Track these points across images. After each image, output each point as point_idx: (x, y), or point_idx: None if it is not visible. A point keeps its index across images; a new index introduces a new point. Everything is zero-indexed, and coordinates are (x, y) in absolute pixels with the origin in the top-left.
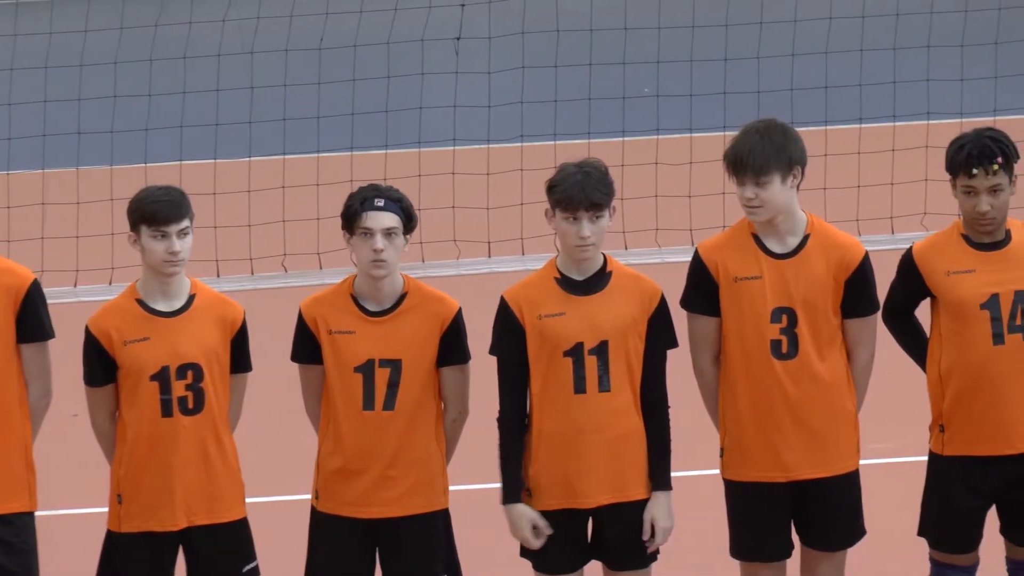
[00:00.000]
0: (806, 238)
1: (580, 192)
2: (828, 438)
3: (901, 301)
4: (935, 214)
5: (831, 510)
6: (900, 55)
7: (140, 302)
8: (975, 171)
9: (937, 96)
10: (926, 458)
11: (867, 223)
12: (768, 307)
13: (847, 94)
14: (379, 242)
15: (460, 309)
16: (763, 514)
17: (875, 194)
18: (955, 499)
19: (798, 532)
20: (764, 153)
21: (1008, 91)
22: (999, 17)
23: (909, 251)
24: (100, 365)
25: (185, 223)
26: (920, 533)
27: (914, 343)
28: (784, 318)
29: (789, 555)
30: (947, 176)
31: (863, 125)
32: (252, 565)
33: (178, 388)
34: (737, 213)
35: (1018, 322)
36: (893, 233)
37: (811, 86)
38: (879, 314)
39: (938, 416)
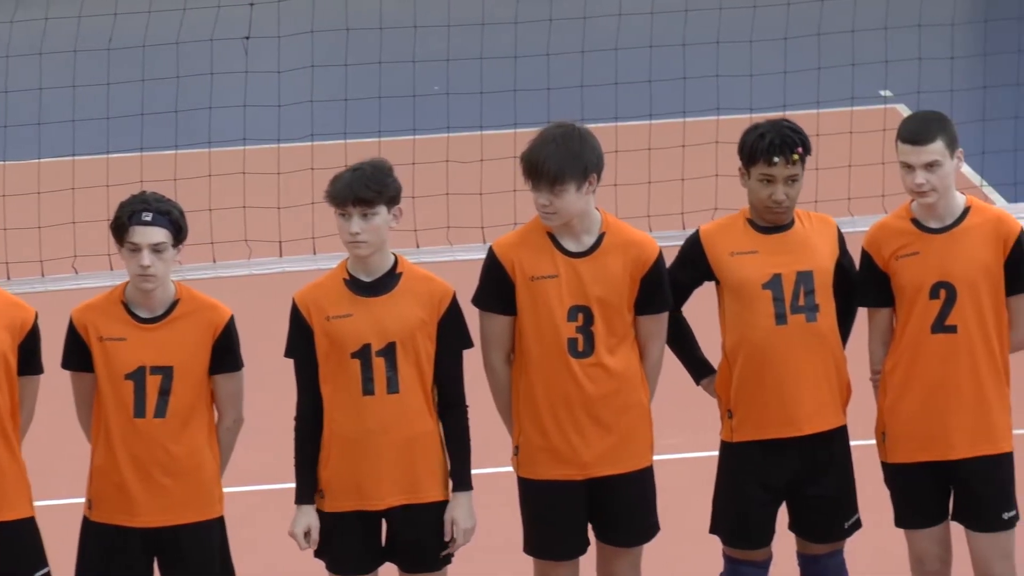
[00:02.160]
0: (601, 236)
1: (347, 189)
2: (624, 435)
3: (678, 289)
4: (726, 209)
5: (626, 506)
6: (689, 51)
7: None
8: (776, 160)
9: (727, 92)
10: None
11: (658, 219)
12: (564, 305)
13: (637, 90)
14: (146, 258)
15: (232, 316)
16: (558, 512)
17: (666, 189)
18: (747, 491)
19: (594, 528)
20: (560, 162)
21: (796, 86)
22: (788, 12)
23: (696, 233)
24: None
25: None
26: (712, 530)
27: (679, 338)
28: (580, 316)
29: (584, 552)
30: (736, 170)
31: (653, 121)
32: (43, 572)
33: None
34: (530, 211)
35: (800, 302)
36: (684, 228)
37: (601, 83)
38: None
39: (727, 402)
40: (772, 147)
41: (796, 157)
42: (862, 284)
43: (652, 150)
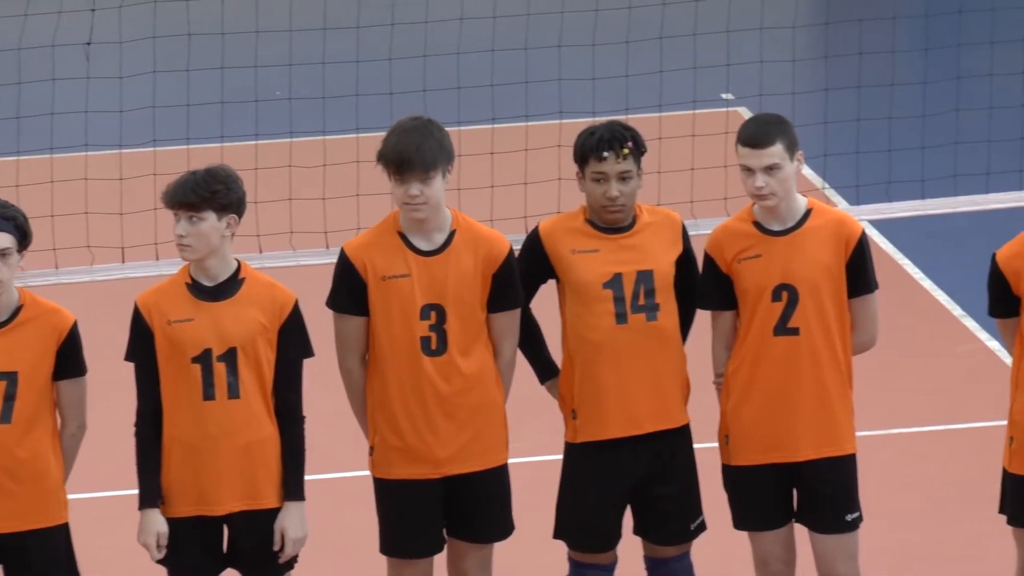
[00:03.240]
0: (452, 234)
1: (175, 192)
2: (478, 433)
3: (524, 288)
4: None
5: (480, 504)
6: (531, 55)
7: None
8: (606, 154)
9: (569, 95)
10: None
11: (502, 223)
12: (417, 304)
13: (479, 94)
14: None
15: (76, 322)
16: (413, 511)
17: (510, 193)
18: (592, 493)
19: (447, 526)
20: (430, 150)
21: (638, 89)
22: (629, 16)
23: (535, 230)
24: None
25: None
26: (557, 535)
27: (528, 336)
28: (433, 315)
29: (439, 550)
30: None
31: (496, 125)
32: None
33: None
34: (375, 214)
35: (641, 302)
36: (526, 231)
37: (444, 87)
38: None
39: (570, 401)
40: (601, 143)
41: (626, 151)
42: (704, 287)
43: (495, 154)
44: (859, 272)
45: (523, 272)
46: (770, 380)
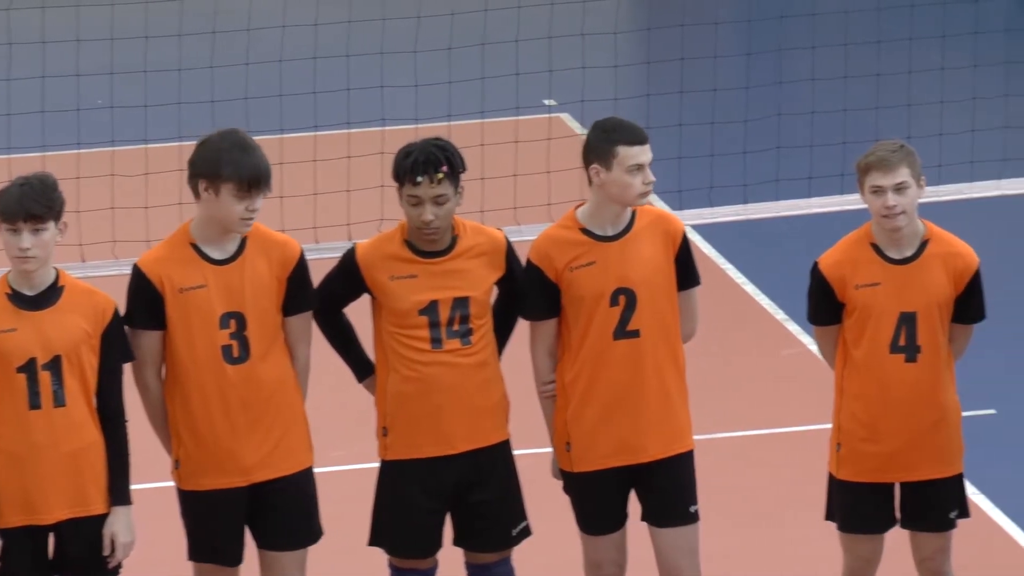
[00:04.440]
0: (244, 241)
1: (18, 204)
2: (282, 438)
3: (334, 298)
4: (390, 220)
5: (289, 509)
6: (353, 61)
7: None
8: (420, 179)
9: (391, 102)
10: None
11: (324, 230)
12: (216, 314)
13: (301, 102)
14: None
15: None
16: (225, 520)
17: (331, 201)
18: (409, 500)
19: (254, 535)
20: (268, 165)
21: (460, 96)
22: (451, 22)
23: (352, 253)
24: None
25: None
26: (373, 542)
27: (344, 340)
28: (232, 323)
29: (242, 558)
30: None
31: (318, 133)
32: None
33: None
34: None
35: (456, 327)
36: (350, 239)
37: (265, 95)
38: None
39: (382, 418)
40: (416, 166)
41: (441, 176)
42: (531, 297)
43: (318, 161)
44: (687, 265)
45: (338, 285)
46: (613, 384)
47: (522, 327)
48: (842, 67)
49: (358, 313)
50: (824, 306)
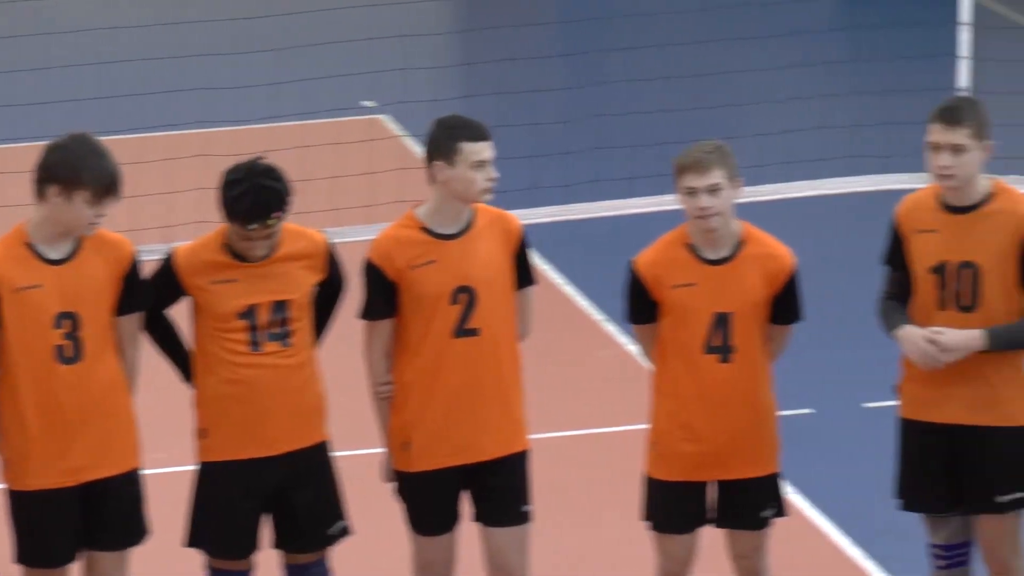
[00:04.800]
0: (80, 241)
1: None
2: (112, 438)
3: (154, 302)
4: (213, 222)
5: (117, 508)
6: (178, 64)
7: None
8: (252, 226)
9: (214, 104)
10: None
11: (148, 232)
12: (50, 313)
13: (126, 104)
14: None
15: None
16: (55, 520)
17: (151, 203)
18: (228, 502)
19: (82, 534)
20: (120, 170)
21: (284, 98)
22: (275, 24)
23: (170, 259)
24: None
25: None
26: (191, 543)
27: (164, 340)
28: (66, 323)
29: (73, 559)
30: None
31: (141, 135)
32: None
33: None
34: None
35: (275, 330)
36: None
37: (93, 96)
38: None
39: (201, 419)
40: (250, 215)
41: (273, 221)
42: (370, 297)
43: (140, 164)
44: (524, 265)
45: (156, 291)
46: (453, 383)
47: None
48: (663, 67)
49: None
50: (640, 306)
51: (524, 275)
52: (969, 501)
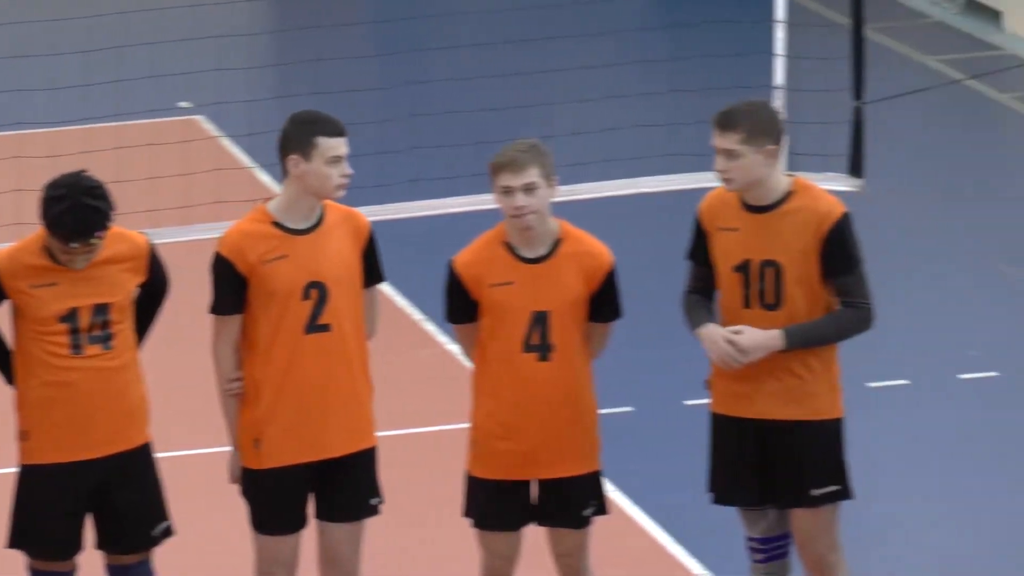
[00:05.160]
0: None
1: None
2: None
3: None
4: (30, 224)
5: None
6: None
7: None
8: (74, 244)
9: (24, 106)
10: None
11: None
12: None
13: None
14: None
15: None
16: None
17: None
18: (47, 503)
19: None
20: None
21: (97, 99)
22: (88, 24)
23: None
24: None
25: None
26: (12, 545)
27: None
28: None
29: None
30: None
31: None
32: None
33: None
34: None
35: (96, 332)
36: None
37: None
38: None
39: (23, 422)
40: (73, 235)
41: (96, 241)
42: (220, 292)
43: None
44: (373, 261)
45: None
46: (304, 379)
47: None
48: (480, 66)
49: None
50: (459, 305)
51: (372, 272)
52: (783, 495)
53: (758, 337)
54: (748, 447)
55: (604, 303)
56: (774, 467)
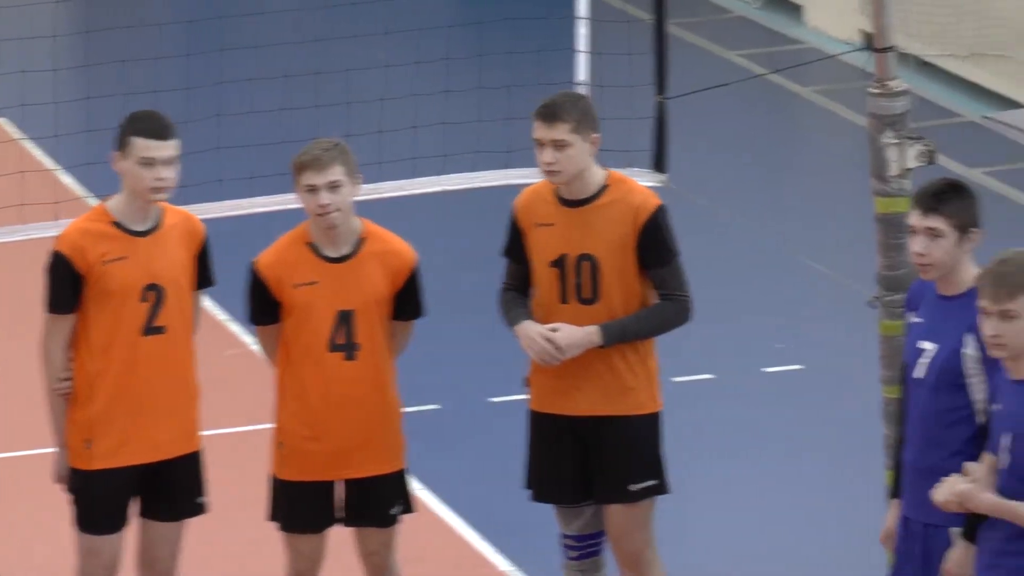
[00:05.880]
0: None
1: None
2: None
3: None
4: None
5: None
6: None
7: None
8: None
9: None
10: None
11: None
12: None
13: None
14: None
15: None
16: None
17: None
18: None
19: None
20: None
21: None
22: None
23: None
24: None
25: None
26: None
27: None
28: None
29: None
30: None
31: None
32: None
33: None
34: None
35: None
36: None
37: None
38: None
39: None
40: None
41: None
42: (55, 289)
43: None
44: (205, 265)
45: None
46: (139, 380)
47: None
48: (283, 66)
49: None
50: (262, 306)
51: (203, 276)
52: (601, 491)
53: (575, 334)
54: (566, 444)
55: (407, 301)
56: (592, 463)
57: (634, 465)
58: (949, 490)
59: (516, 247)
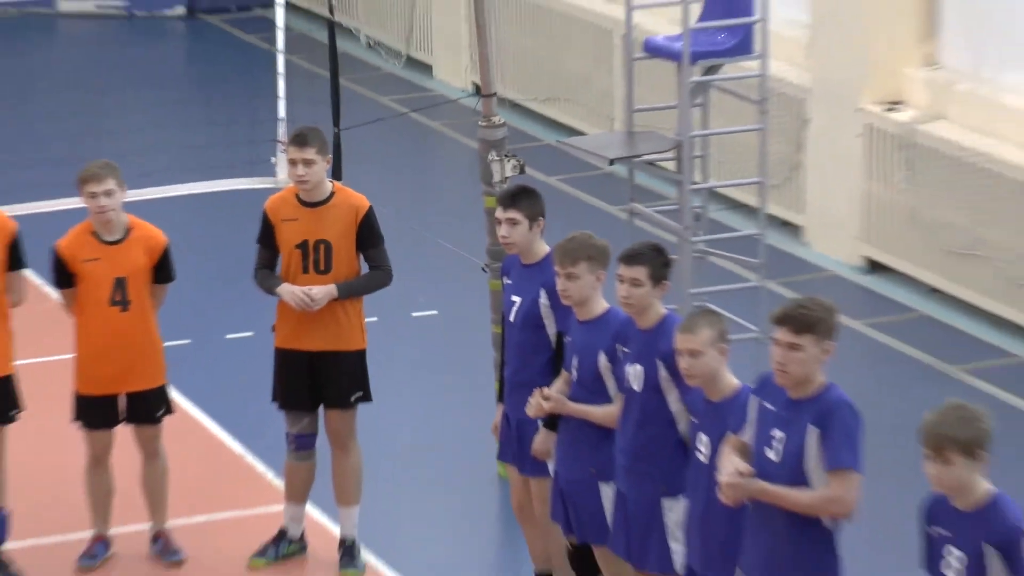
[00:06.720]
0: None
1: None
2: None
3: None
4: None
5: None
6: None
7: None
8: None
9: None
10: None
11: None
12: None
13: None
14: None
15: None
16: None
17: None
18: None
19: None
20: None
21: None
22: None
23: None
24: None
25: None
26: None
27: None
28: None
29: None
30: None
31: None
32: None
33: None
34: None
35: None
36: None
37: None
38: None
39: None
40: None
41: None
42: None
43: None
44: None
45: None
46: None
47: None
48: (69, 108)
49: None
50: (61, 276)
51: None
52: (328, 401)
53: (324, 289)
54: (303, 371)
55: (161, 270)
56: (322, 381)
57: (350, 383)
58: (536, 404)
59: (267, 237)
